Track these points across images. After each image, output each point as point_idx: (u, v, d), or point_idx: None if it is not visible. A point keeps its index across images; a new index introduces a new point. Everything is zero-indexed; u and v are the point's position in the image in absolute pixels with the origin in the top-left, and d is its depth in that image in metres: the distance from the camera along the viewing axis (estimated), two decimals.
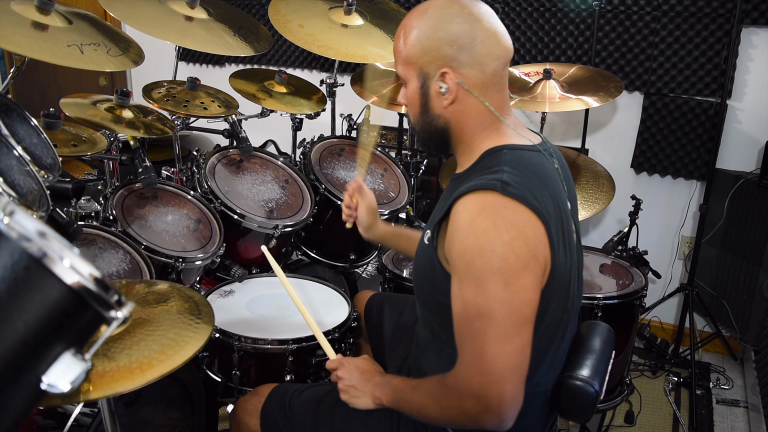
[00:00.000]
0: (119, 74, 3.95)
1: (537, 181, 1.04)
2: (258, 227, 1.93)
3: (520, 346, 0.98)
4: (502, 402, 0.97)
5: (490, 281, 0.96)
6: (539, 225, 0.99)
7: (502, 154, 1.08)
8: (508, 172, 1.02)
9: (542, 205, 1.01)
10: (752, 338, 2.47)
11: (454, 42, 1.06)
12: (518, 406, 0.99)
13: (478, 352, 0.98)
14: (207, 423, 1.68)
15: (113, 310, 0.53)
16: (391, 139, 3.15)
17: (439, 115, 1.13)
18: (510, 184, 0.99)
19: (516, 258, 0.96)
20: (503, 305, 0.96)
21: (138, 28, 1.87)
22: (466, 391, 1.00)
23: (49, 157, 1.30)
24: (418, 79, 1.11)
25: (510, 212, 0.98)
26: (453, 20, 1.06)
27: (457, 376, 1.02)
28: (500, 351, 0.97)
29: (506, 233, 0.96)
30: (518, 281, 0.97)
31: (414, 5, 2.98)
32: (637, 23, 2.64)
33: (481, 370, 0.98)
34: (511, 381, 0.97)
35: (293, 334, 1.56)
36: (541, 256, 0.99)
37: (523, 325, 0.98)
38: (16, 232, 0.48)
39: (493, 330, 0.96)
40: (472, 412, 1.00)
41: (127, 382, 0.95)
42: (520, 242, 0.97)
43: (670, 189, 2.78)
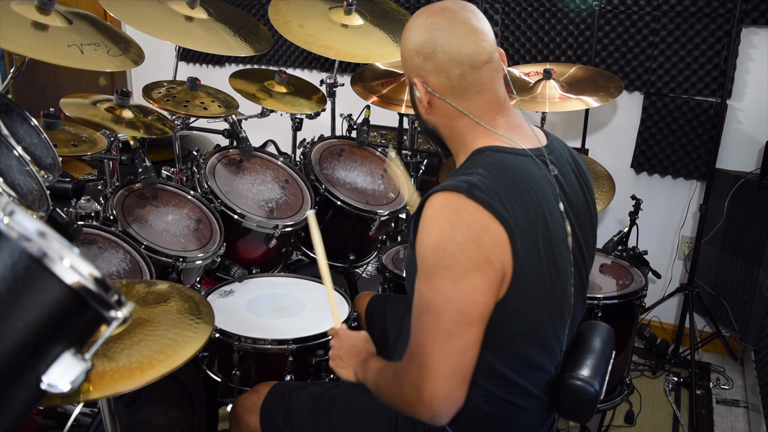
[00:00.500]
0: (119, 74, 3.95)
1: (512, 186, 1.04)
2: (258, 227, 1.93)
3: (462, 346, 1.00)
4: (434, 397, 0.99)
5: (438, 278, 0.99)
6: (500, 231, 1.00)
7: (484, 155, 1.09)
8: (480, 175, 1.03)
9: (509, 211, 1.01)
10: (752, 338, 2.47)
11: (419, 52, 1.12)
12: (454, 405, 1.01)
13: (420, 344, 1.01)
14: (207, 423, 1.68)
15: (113, 310, 0.53)
16: (391, 139, 3.15)
17: (426, 119, 1.20)
18: (478, 187, 1.00)
19: (467, 259, 0.98)
20: (447, 303, 0.98)
21: (138, 28, 1.87)
22: (405, 379, 1.04)
23: (49, 157, 1.30)
24: (408, 85, 1.20)
25: (469, 214, 0.99)
26: (417, 31, 1.12)
27: (403, 364, 1.06)
28: (438, 347, 0.99)
29: (460, 234, 0.98)
30: (466, 281, 0.98)
31: (414, 5, 2.98)
32: (637, 23, 2.64)
33: (419, 362, 1.01)
34: (445, 378, 0.99)
35: (293, 334, 1.56)
36: (496, 261, 1.00)
37: (467, 326, 0.99)
38: (16, 232, 0.48)
39: (434, 325, 0.99)
40: (409, 401, 1.04)
41: (127, 382, 0.95)
42: (473, 245, 0.98)
43: (670, 189, 2.78)
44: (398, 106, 2.35)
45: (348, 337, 1.31)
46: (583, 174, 1.23)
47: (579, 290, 1.19)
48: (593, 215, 1.23)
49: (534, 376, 1.15)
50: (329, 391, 1.32)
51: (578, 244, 1.16)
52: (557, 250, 1.09)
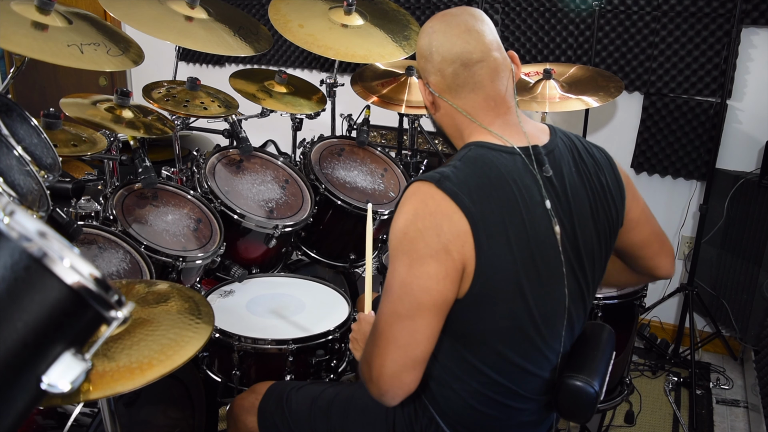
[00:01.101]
0: (119, 74, 3.95)
1: (485, 182, 1.05)
2: (258, 227, 1.93)
3: (411, 329, 1.02)
4: (381, 375, 1.02)
5: (397, 261, 1.04)
6: (463, 223, 1.01)
7: (467, 149, 1.12)
8: (455, 168, 1.06)
9: (476, 205, 1.02)
10: (752, 338, 2.47)
11: (421, 55, 1.19)
12: (402, 387, 1.03)
13: (376, 323, 1.06)
14: (207, 423, 1.68)
15: (113, 310, 0.53)
16: (391, 139, 3.15)
17: (434, 119, 1.25)
18: (449, 179, 1.04)
19: (424, 245, 1.01)
20: (402, 286, 1.02)
21: (138, 28, 1.87)
22: (364, 357, 1.09)
23: (49, 157, 1.30)
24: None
25: (434, 203, 1.03)
26: (421, 36, 1.19)
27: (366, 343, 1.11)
28: (388, 327, 1.03)
29: (421, 221, 1.02)
30: (421, 267, 1.01)
31: (414, 5, 2.98)
32: (637, 23, 2.64)
33: (372, 341, 1.06)
34: (391, 359, 1.02)
35: (293, 334, 1.56)
36: (455, 252, 1.01)
37: (418, 311, 1.01)
38: (16, 232, 0.48)
39: (388, 307, 1.03)
40: (365, 377, 1.08)
41: (127, 382, 0.95)
42: (432, 232, 1.01)
43: (670, 189, 2.78)
44: (398, 106, 2.35)
45: (367, 321, 1.32)
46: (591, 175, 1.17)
47: (576, 293, 1.16)
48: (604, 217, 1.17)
49: (519, 377, 1.14)
50: (327, 391, 1.32)
51: (574, 245, 1.13)
52: (537, 250, 1.07)
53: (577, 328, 1.22)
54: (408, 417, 1.22)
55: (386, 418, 1.24)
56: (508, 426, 1.18)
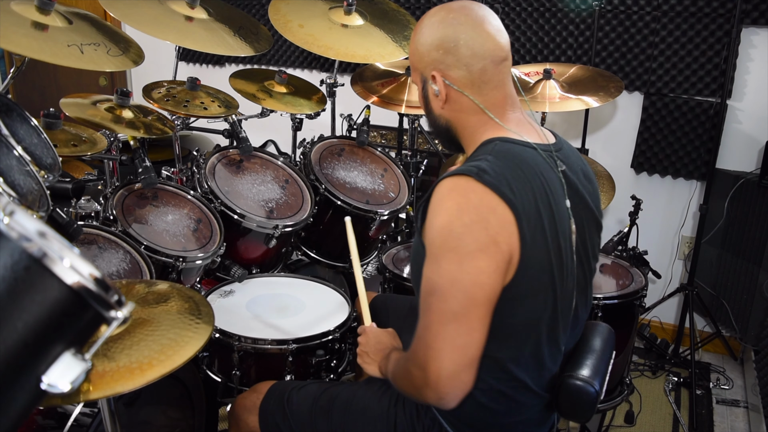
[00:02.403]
0: (119, 74, 3.95)
1: (520, 174, 1.05)
2: (258, 227, 1.93)
3: (467, 328, 1.00)
4: (439, 378, 0.99)
5: (444, 259, 1.00)
6: (508, 214, 1.01)
7: (493, 144, 1.11)
8: (489, 161, 1.05)
9: (517, 197, 1.02)
10: (752, 338, 2.47)
11: (439, 46, 1.13)
12: (461, 387, 1.01)
13: (427, 325, 1.02)
14: (207, 423, 1.68)
15: (113, 310, 0.53)
16: (391, 139, 3.15)
17: (439, 115, 1.20)
18: (486, 172, 1.02)
19: (473, 240, 0.99)
20: (453, 284, 0.99)
21: (138, 28, 1.87)
22: (413, 362, 1.04)
23: (49, 157, 1.30)
24: (420, 83, 1.20)
25: (476, 196, 1.01)
26: (438, 26, 1.13)
27: (412, 347, 1.07)
28: (443, 328, 0.99)
29: (467, 215, 1.00)
30: (472, 262, 0.98)
31: (414, 5, 2.98)
32: (637, 23, 2.64)
33: (425, 343, 1.01)
34: (450, 359, 0.99)
35: (293, 334, 1.56)
36: (503, 243, 1.00)
37: (472, 308, 0.99)
38: (16, 232, 0.48)
39: (441, 307, 1.00)
40: (417, 384, 1.04)
41: (127, 382, 0.95)
42: (479, 226, 0.99)
43: (670, 189, 2.78)
44: (398, 106, 2.35)
45: (374, 333, 1.33)
46: (589, 177, 1.24)
47: (582, 290, 1.19)
48: (598, 219, 1.23)
49: (536, 371, 1.15)
50: (328, 391, 1.32)
51: (583, 244, 1.17)
52: (563, 244, 1.10)
53: (580, 326, 1.24)
54: (410, 417, 1.22)
55: (387, 418, 1.24)
56: (510, 423, 1.18)
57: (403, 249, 2.19)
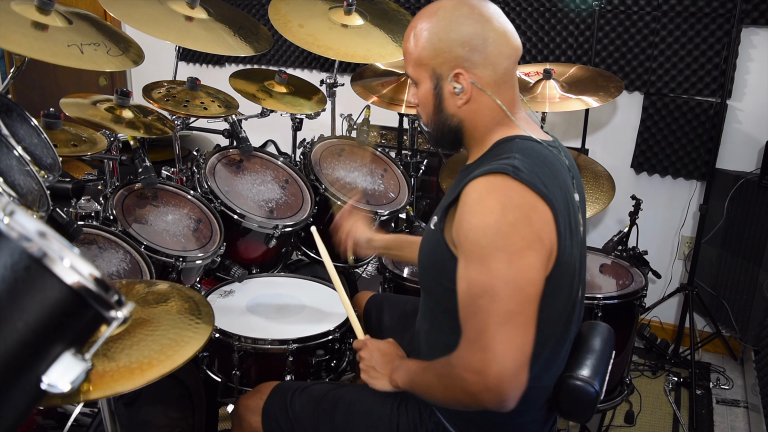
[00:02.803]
0: (119, 74, 3.95)
1: (547, 170, 1.06)
2: (258, 227, 1.93)
3: (523, 325, 0.99)
4: (501, 380, 0.97)
5: (494, 259, 0.98)
6: (547, 210, 1.01)
7: (514, 142, 1.11)
8: (519, 159, 1.04)
9: (551, 193, 1.03)
10: (752, 338, 2.47)
11: (466, 43, 1.08)
12: (520, 387, 0.99)
13: (481, 328, 0.99)
14: (207, 423, 1.68)
15: (113, 310, 0.53)
16: (391, 139, 3.15)
17: (453, 114, 1.15)
18: (521, 170, 1.01)
19: (520, 237, 0.98)
20: (507, 283, 0.97)
21: (138, 28, 1.87)
22: (467, 367, 1.00)
23: (49, 157, 1.30)
24: (430, 79, 1.13)
25: (518, 195, 1.00)
26: (464, 21, 1.09)
27: (460, 353, 1.03)
28: (502, 329, 0.97)
29: (512, 213, 0.99)
30: (522, 260, 0.98)
31: (414, 5, 2.98)
32: (637, 23, 2.64)
33: (482, 346, 0.98)
34: (512, 359, 0.97)
35: (293, 334, 1.56)
36: (546, 239, 1.01)
37: (527, 304, 0.99)
38: (17, 232, 0.48)
39: (496, 307, 0.98)
40: (472, 390, 1.00)
41: (127, 382, 0.95)
42: (524, 224, 0.99)
43: (670, 189, 2.78)
44: (398, 106, 2.35)
45: (376, 346, 1.29)
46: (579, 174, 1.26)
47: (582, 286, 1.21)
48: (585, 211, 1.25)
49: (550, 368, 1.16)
50: (331, 392, 1.32)
51: (584, 238, 1.20)
52: (578, 239, 1.12)
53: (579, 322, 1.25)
54: (413, 420, 1.22)
55: (390, 420, 1.23)
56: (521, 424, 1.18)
57: None
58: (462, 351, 1.03)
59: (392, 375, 1.22)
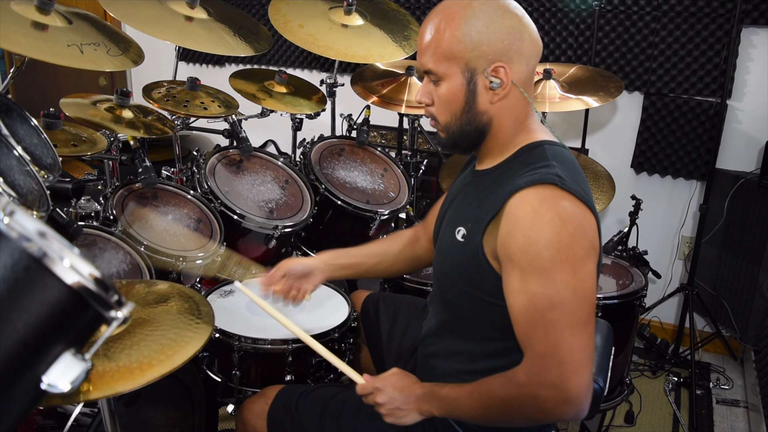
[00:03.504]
0: (119, 74, 3.95)
1: (581, 177, 1.08)
2: (258, 227, 1.93)
3: (592, 333, 1.01)
4: (581, 390, 0.98)
5: (559, 271, 0.98)
6: (592, 219, 1.03)
7: (544, 149, 1.10)
8: (558, 167, 1.04)
9: (591, 199, 1.05)
10: (752, 338, 2.47)
11: (505, 37, 1.07)
12: (591, 392, 1.00)
13: (554, 342, 0.98)
14: (207, 423, 1.68)
15: (113, 310, 0.53)
16: (391, 139, 3.15)
17: (484, 111, 1.11)
18: (564, 179, 1.02)
19: (580, 247, 0.99)
20: (575, 294, 0.98)
21: (138, 28, 1.87)
22: (543, 384, 0.99)
23: (49, 157, 1.30)
24: (463, 74, 1.08)
25: (570, 204, 1.01)
26: (503, 14, 1.07)
27: (532, 370, 1.01)
28: (577, 340, 0.98)
29: (570, 225, 0.99)
30: (584, 269, 0.99)
31: (414, 5, 2.98)
32: (637, 23, 2.64)
33: (558, 360, 0.98)
34: (588, 368, 0.99)
35: (293, 334, 1.56)
36: (597, 247, 1.04)
37: (592, 312, 1.01)
38: (16, 232, 0.48)
39: (567, 319, 0.98)
40: (549, 405, 0.99)
41: (127, 382, 0.94)
42: (581, 233, 1.00)
43: (670, 189, 2.78)
44: (398, 106, 2.35)
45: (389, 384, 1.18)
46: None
47: None
48: None
49: None
50: (337, 396, 1.31)
51: None
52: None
53: None
54: (421, 423, 1.20)
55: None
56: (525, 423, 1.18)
57: None
58: (534, 368, 1.01)
59: (421, 406, 1.16)
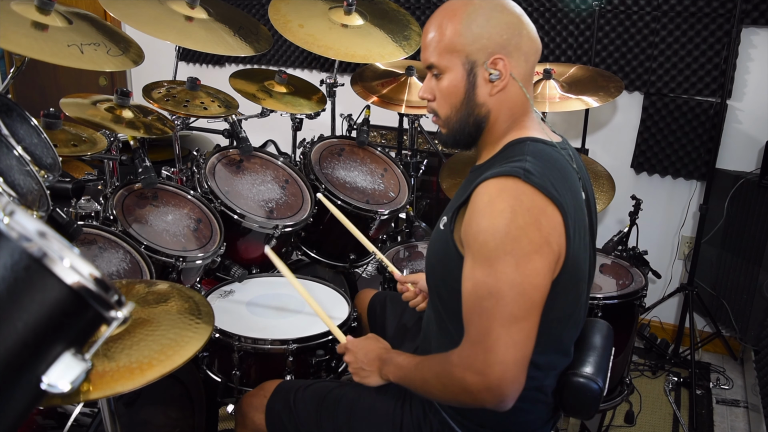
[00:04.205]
0: (119, 74, 3.95)
1: (557, 174, 1.07)
2: (258, 227, 1.93)
3: (526, 330, 1.00)
4: (502, 381, 0.99)
5: (501, 262, 0.98)
6: (556, 214, 1.02)
7: (525, 145, 1.11)
8: (530, 162, 1.04)
9: (562, 196, 1.03)
10: (752, 338, 2.47)
11: (504, 31, 1.10)
12: (519, 389, 1.01)
13: (485, 330, 1.00)
14: (207, 423, 1.68)
15: (113, 310, 0.53)
16: (391, 139, 3.15)
17: (483, 103, 1.13)
18: (532, 173, 1.02)
19: (528, 241, 0.99)
20: (512, 287, 0.98)
21: (138, 28, 1.87)
22: (469, 367, 1.02)
23: (49, 157, 1.30)
24: (463, 66, 1.11)
25: (528, 198, 1.00)
26: (503, 10, 1.11)
27: (462, 353, 1.04)
28: (506, 331, 0.99)
29: (521, 217, 0.99)
30: (529, 264, 0.99)
31: (414, 5, 2.98)
32: (637, 23, 2.64)
33: (485, 348, 1.00)
34: (513, 362, 0.99)
35: (293, 334, 1.56)
36: (555, 243, 1.01)
37: (531, 309, 1.00)
38: (16, 232, 0.48)
39: (500, 310, 0.99)
40: (473, 389, 1.02)
41: (127, 382, 0.95)
42: (533, 227, 0.99)
43: (670, 189, 2.78)
44: (398, 106, 2.35)
45: (358, 346, 1.31)
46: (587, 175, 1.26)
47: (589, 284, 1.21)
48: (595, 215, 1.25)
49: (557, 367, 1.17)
50: (334, 391, 1.32)
51: (593, 238, 1.20)
52: (586, 241, 1.12)
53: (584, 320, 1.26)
54: (416, 418, 1.22)
55: (393, 419, 1.23)
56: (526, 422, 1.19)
57: (403, 249, 2.19)
58: (464, 351, 1.04)
59: (382, 369, 1.25)
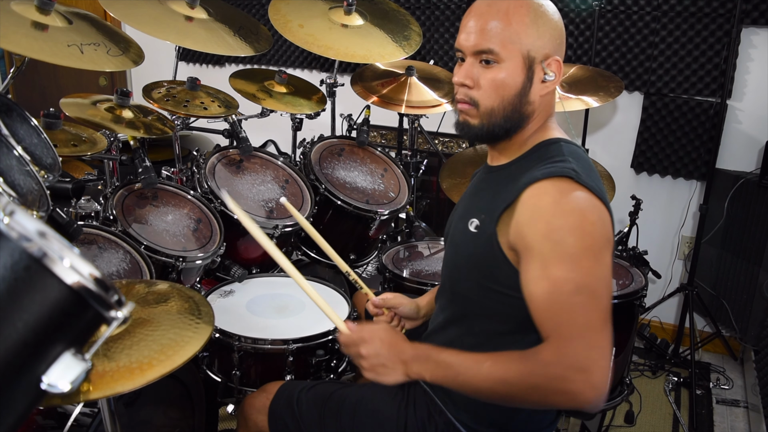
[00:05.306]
0: (119, 74, 3.95)
1: (595, 174, 1.10)
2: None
3: (610, 321, 1.00)
4: (603, 377, 0.96)
5: (583, 258, 0.99)
6: (606, 212, 1.05)
7: (560, 145, 1.12)
8: (573, 163, 1.07)
9: (605, 195, 1.06)
10: (752, 338, 2.47)
11: (558, 36, 1.11)
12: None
13: (584, 325, 0.97)
14: (207, 423, 1.68)
15: (113, 310, 0.53)
16: (391, 139, 3.15)
17: (532, 102, 1.11)
18: (580, 174, 1.04)
19: (600, 236, 1.01)
20: (599, 280, 1.00)
21: (138, 28, 1.87)
22: (572, 366, 0.96)
23: (49, 157, 1.30)
24: (523, 61, 1.08)
25: (586, 197, 1.03)
26: (554, 15, 1.11)
27: (560, 350, 0.97)
28: (604, 325, 0.99)
29: (591, 214, 1.02)
30: (604, 258, 1.01)
31: (414, 5, 2.98)
32: (637, 23, 2.64)
33: (588, 343, 0.97)
34: (609, 357, 0.98)
35: (293, 334, 1.56)
36: (612, 240, 1.05)
37: (611, 301, 1.01)
38: (16, 232, 0.48)
39: (595, 303, 0.99)
40: (574, 389, 0.95)
41: (127, 382, 0.95)
42: (601, 224, 1.02)
43: (670, 189, 2.78)
44: (398, 106, 2.35)
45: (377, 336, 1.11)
46: None
47: None
48: None
49: None
50: (338, 392, 1.31)
51: None
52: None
53: None
54: (421, 420, 1.21)
55: (398, 420, 1.22)
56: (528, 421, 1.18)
57: (404, 249, 2.19)
58: (561, 348, 0.97)
59: (410, 368, 1.08)
